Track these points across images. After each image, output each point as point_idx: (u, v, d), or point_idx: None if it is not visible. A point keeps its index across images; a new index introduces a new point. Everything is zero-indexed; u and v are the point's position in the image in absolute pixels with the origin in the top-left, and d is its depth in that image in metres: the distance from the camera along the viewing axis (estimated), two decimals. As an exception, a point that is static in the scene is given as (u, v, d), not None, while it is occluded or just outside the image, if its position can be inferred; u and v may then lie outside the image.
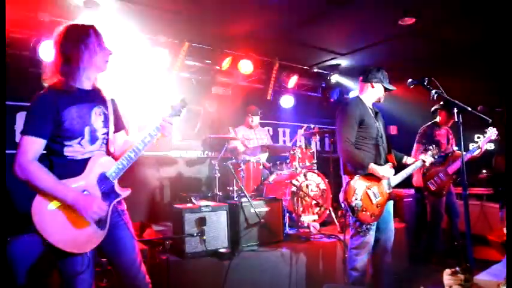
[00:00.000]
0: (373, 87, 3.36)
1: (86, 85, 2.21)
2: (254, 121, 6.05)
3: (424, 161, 3.46)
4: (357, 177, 3.11)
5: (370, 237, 3.18)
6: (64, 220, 2.00)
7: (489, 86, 6.21)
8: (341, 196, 3.18)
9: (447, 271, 1.83)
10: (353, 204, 3.01)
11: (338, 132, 3.23)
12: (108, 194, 2.18)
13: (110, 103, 2.32)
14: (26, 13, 4.23)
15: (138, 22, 4.94)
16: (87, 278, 2.09)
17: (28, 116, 2.04)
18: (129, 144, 2.33)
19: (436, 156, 3.55)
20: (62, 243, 1.96)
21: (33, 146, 2.00)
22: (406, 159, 3.52)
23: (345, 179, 3.25)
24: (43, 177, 1.98)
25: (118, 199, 2.24)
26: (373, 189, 3.14)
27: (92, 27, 2.21)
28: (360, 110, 3.25)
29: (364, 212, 3.04)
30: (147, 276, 2.32)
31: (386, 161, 3.30)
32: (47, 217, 1.97)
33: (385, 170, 3.17)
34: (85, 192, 2.08)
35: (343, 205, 3.20)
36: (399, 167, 3.40)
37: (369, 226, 3.13)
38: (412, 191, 5.58)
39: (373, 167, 3.11)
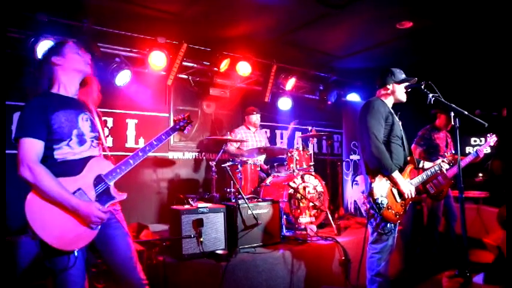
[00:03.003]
0: (391, 89, 3.27)
1: (71, 92, 2.32)
2: (258, 119, 6.11)
3: (441, 166, 3.43)
4: (380, 175, 3.06)
5: (393, 240, 3.12)
6: (55, 217, 2.05)
7: (487, 89, 6.25)
8: (362, 198, 3.13)
9: (446, 274, 1.84)
10: (378, 201, 2.97)
11: (365, 129, 3.08)
12: (103, 196, 2.23)
13: (94, 112, 2.42)
14: (24, 13, 4.22)
15: (137, 23, 4.96)
16: (77, 279, 2.10)
17: (23, 119, 2.11)
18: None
19: (451, 164, 3.53)
20: (51, 239, 2.00)
21: (35, 148, 2.07)
22: (423, 164, 3.47)
23: (365, 179, 3.18)
24: (52, 182, 2.03)
25: (112, 202, 2.27)
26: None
27: (67, 41, 2.39)
28: (384, 107, 3.19)
29: (389, 210, 3.00)
30: (143, 275, 2.33)
31: (407, 163, 3.24)
32: (39, 213, 2.02)
33: (407, 185, 3.09)
34: (79, 192, 2.13)
35: (364, 206, 3.14)
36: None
37: (392, 228, 3.07)
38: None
39: (396, 176, 3.03)
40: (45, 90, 2.23)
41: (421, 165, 3.47)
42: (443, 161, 3.47)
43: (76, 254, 2.08)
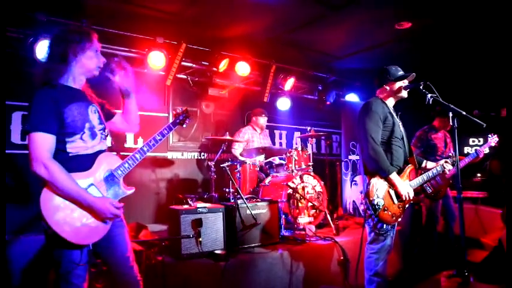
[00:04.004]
0: (390, 88, 3.26)
1: (78, 85, 2.30)
2: (266, 121, 6.21)
3: (444, 167, 3.40)
4: (378, 177, 3.05)
5: (391, 240, 3.12)
6: (69, 212, 2.06)
7: (485, 89, 6.26)
8: (361, 197, 3.13)
9: (444, 274, 1.84)
10: (375, 202, 2.96)
11: (363, 131, 3.09)
12: (114, 191, 2.27)
13: (97, 103, 2.42)
14: (23, 12, 4.22)
15: (136, 23, 4.96)
16: (82, 273, 2.14)
17: (33, 113, 2.06)
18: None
19: (455, 164, 3.52)
20: (65, 233, 2.02)
21: (47, 142, 2.04)
22: (426, 164, 3.46)
23: (364, 179, 3.21)
24: (67, 180, 2.03)
25: (122, 196, 2.31)
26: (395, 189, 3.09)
27: (92, 32, 2.31)
28: (383, 108, 3.17)
29: (385, 211, 2.99)
30: (138, 273, 2.37)
31: (407, 164, 3.24)
32: (54, 207, 2.03)
33: (404, 187, 3.07)
34: (91, 187, 2.15)
35: (362, 206, 3.15)
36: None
37: (389, 228, 3.07)
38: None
39: (393, 178, 3.03)
40: (53, 81, 2.14)
41: (423, 165, 3.46)
42: (446, 162, 3.45)
43: (91, 247, 2.12)
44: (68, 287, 2.09)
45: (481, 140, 7.14)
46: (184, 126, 2.78)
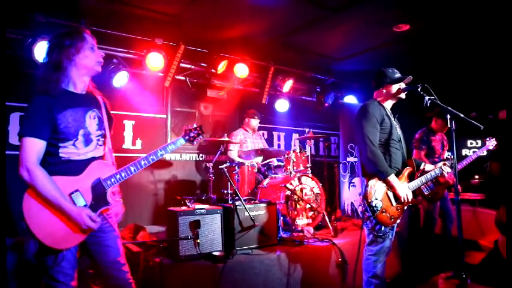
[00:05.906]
0: (387, 90, 3.27)
1: (80, 88, 2.28)
2: (258, 124, 6.19)
3: (442, 170, 3.40)
4: (376, 178, 3.06)
5: (389, 241, 3.12)
6: (48, 216, 2.08)
7: (483, 92, 6.28)
8: (359, 199, 3.14)
9: (442, 276, 1.84)
10: (373, 204, 2.96)
11: (361, 134, 3.10)
12: (99, 200, 2.23)
13: (103, 106, 2.39)
14: (22, 13, 4.22)
15: (135, 25, 4.96)
16: (67, 270, 2.15)
17: (26, 118, 2.10)
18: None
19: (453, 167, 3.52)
20: (41, 235, 2.05)
21: (36, 147, 2.06)
22: (425, 166, 3.45)
23: (362, 181, 3.20)
24: (48, 185, 2.05)
25: (106, 207, 2.27)
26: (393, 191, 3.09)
27: (84, 31, 2.29)
28: (380, 110, 3.18)
29: (383, 213, 3.00)
30: (130, 276, 2.37)
31: (405, 166, 3.25)
32: (34, 210, 2.06)
33: (403, 189, 3.08)
34: (76, 193, 2.14)
35: (360, 208, 3.15)
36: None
37: (387, 230, 3.07)
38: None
39: (392, 180, 3.03)
40: (52, 86, 2.14)
41: (422, 167, 3.46)
42: (444, 164, 3.45)
43: (64, 252, 2.12)
44: (54, 284, 2.12)
45: (479, 142, 7.16)
46: (194, 143, 2.66)
